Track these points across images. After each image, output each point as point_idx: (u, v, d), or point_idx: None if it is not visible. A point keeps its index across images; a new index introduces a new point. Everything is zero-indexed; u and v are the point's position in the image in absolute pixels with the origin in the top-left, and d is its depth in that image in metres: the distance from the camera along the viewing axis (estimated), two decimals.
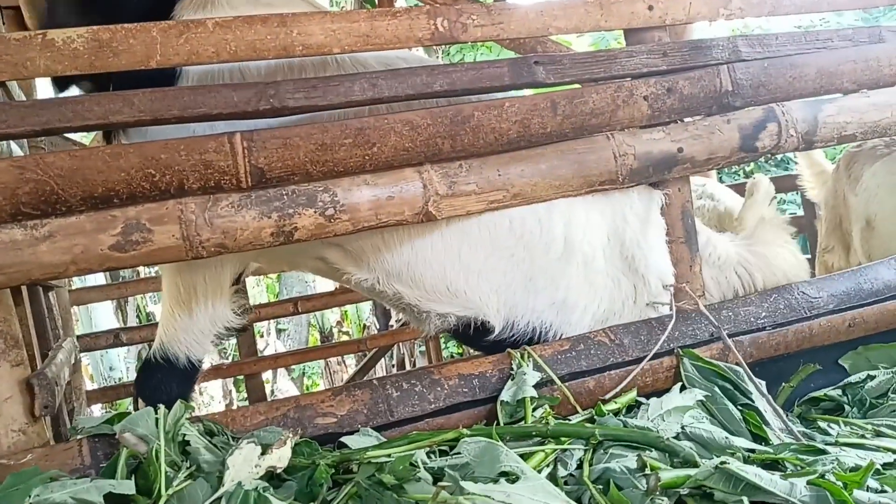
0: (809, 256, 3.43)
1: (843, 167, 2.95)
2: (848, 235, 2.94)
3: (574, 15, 1.63)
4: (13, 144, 1.84)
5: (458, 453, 1.21)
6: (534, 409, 1.44)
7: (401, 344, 5.67)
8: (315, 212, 1.43)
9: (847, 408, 1.66)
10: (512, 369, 1.54)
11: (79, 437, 1.36)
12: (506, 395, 1.47)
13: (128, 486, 1.20)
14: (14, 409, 1.38)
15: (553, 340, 1.65)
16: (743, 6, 1.76)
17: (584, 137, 1.63)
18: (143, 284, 4.10)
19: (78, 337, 3.30)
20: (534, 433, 1.31)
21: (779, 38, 1.80)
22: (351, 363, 7.25)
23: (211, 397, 8.02)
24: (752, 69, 1.74)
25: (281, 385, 7.20)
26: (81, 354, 3.52)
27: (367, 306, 6.59)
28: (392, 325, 5.83)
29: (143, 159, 1.35)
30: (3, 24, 2.52)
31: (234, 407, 7.65)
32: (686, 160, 1.67)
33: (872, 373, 1.72)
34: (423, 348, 6.06)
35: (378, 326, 5.39)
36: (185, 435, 1.30)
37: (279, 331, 7.82)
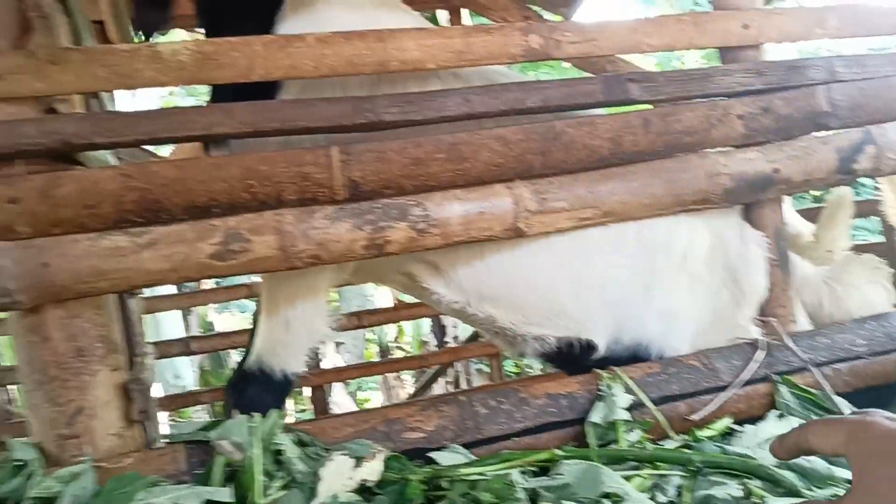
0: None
1: None
2: None
3: (667, 32, 1.61)
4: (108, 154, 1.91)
5: (558, 474, 1.18)
6: (626, 433, 1.40)
7: (456, 362, 5.65)
8: (407, 225, 1.44)
9: None
10: (600, 390, 1.51)
11: (172, 443, 1.38)
12: (595, 417, 1.44)
13: (225, 494, 1.22)
14: (112, 413, 1.41)
15: (642, 362, 1.61)
16: (839, 25, 1.72)
17: (676, 156, 1.60)
18: (210, 295, 4.19)
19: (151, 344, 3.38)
20: (631, 457, 1.28)
21: (876, 59, 1.74)
22: (407, 379, 7.27)
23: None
24: (850, 90, 1.68)
25: (337, 398, 7.26)
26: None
27: (426, 322, 6.60)
28: (447, 342, 5.82)
29: (244, 170, 1.37)
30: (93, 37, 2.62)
31: (291, 419, 7.73)
32: (782, 181, 1.63)
33: None
34: (479, 366, 6.03)
35: (436, 342, 5.40)
36: (279, 444, 1.31)
37: (337, 344, 7.90)
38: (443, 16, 4.83)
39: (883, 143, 1.69)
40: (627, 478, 1.24)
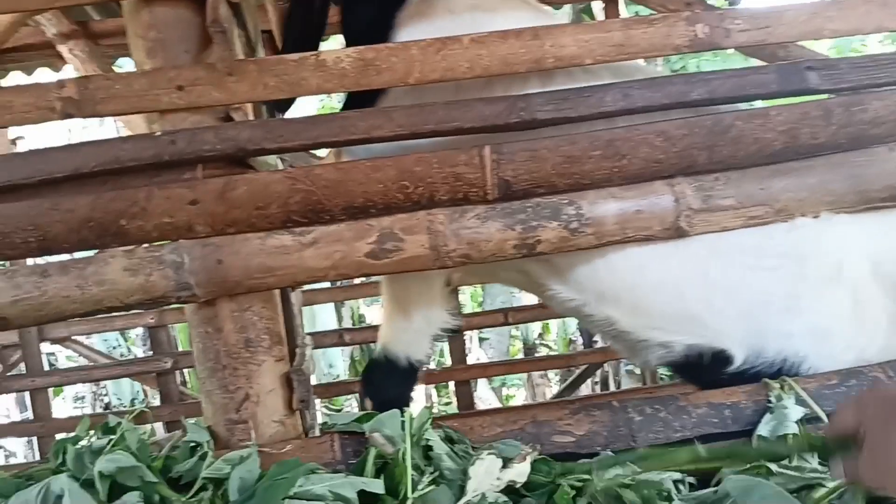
0: None
1: None
2: None
3: (852, 16, 1.46)
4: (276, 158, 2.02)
5: (720, 487, 1.11)
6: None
7: (605, 363, 5.51)
8: (559, 225, 1.41)
9: None
10: (769, 401, 1.40)
11: (328, 432, 1.44)
12: (763, 430, 1.34)
13: (378, 486, 1.25)
14: (275, 401, 1.49)
15: (816, 373, 1.47)
16: None
17: (861, 149, 1.45)
18: (363, 289, 4.36)
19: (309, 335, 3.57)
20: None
21: None
22: (552, 377, 7.19)
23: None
24: None
25: (481, 393, 7.33)
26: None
27: (573, 320, 6.50)
28: (597, 342, 5.68)
29: (400, 172, 1.40)
30: (264, 47, 2.79)
31: (435, 412, 7.90)
32: None
33: None
34: (630, 367, 5.84)
35: (583, 342, 5.29)
36: (428, 440, 1.33)
37: (481, 339, 7.97)
38: (597, 7, 4.71)
39: None
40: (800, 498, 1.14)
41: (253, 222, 1.41)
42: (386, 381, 1.87)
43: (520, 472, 1.26)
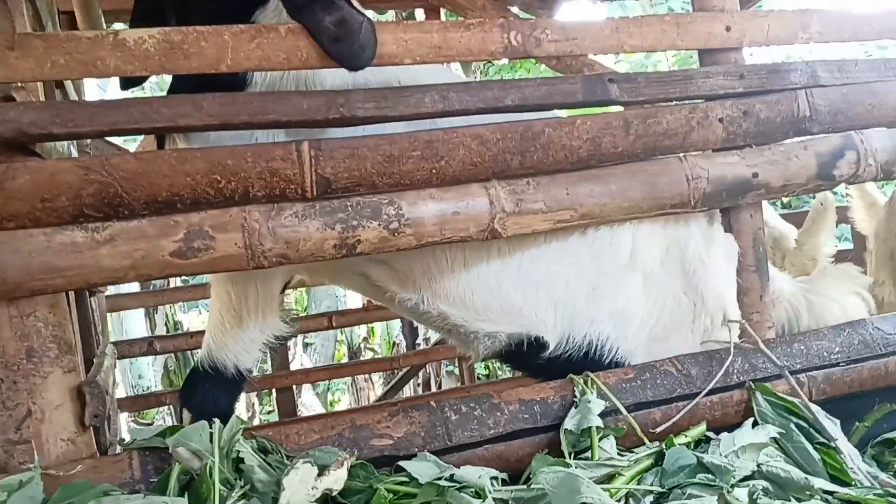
0: None
1: None
2: None
3: (649, 33, 1.58)
4: (72, 146, 1.83)
5: (532, 482, 1.14)
6: (600, 440, 1.37)
7: (427, 364, 5.60)
8: (379, 225, 1.39)
9: None
10: (574, 396, 1.48)
11: (127, 449, 1.32)
12: (570, 424, 1.41)
13: None
14: (64, 417, 1.33)
15: (616, 368, 1.58)
16: (822, 30, 1.70)
17: (656, 158, 1.57)
18: (177, 293, 4.09)
19: (113, 344, 3.28)
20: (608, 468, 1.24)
21: (858, 65, 1.73)
22: (377, 380, 7.19)
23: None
24: (831, 95, 1.67)
25: (305, 399, 7.16)
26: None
27: (397, 323, 6.54)
28: (419, 344, 5.76)
29: (210, 165, 1.31)
30: (57, 26, 2.53)
31: (256, 420, 7.61)
32: (761, 186, 1.61)
33: None
34: (450, 368, 5.99)
35: (406, 344, 5.33)
36: (239, 452, 1.25)
37: (306, 345, 7.79)
38: (420, 15, 4.79)
39: (864, 150, 1.68)
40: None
41: (37, 216, 1.26)
42: (211, 392, 1.74)
43: (336, 478, 1.23)
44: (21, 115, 1.26)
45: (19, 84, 1.35)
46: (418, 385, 6.65)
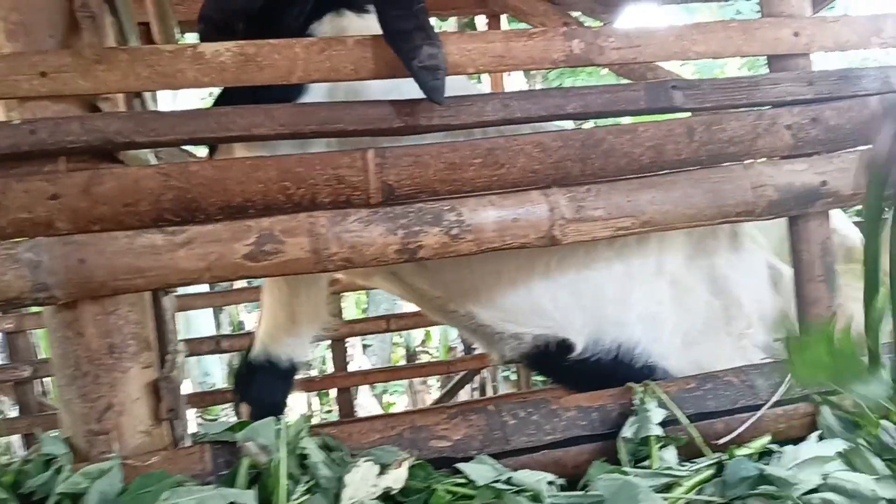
0: None
1: None
2: None
3: (714, 39, 1.57)
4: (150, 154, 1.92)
5: (592, 490, 1.15)
6: (659, 449, 1.37)
7: (483, 368, 5.60)
8: (440, 230, 1.42)
9: None
10: (633, 405, 1.48)
11: (199, 442, 1.38)
12: (628, 432, 1.41)
13: (249, 497, 1.21)
14: (141, 410, 1.41)
15: (677, 378, 1.57)
16: None
17: (720, 166, 1.56)
18: (242, 294, 4.21)
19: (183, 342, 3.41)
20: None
21: None
22: (432, 383, 7.24)
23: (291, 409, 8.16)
24: None
25: (362, 400, 7.27)
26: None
27: (453, 328, 6.57)
28: (475, 348, 5.77)
29: (281, 172, 1.37)
30: (139, 39, 2.66)
31: (316, 420, 7.76)
32: (830, 194, 1.57)
33: None
34: (506, 373, 5.98)
35: (463, 348, 5.36)
36: (304, 448, 1.30)
37: (364, 346, 7.91)
38: (481, 22, 4.82)
39: None
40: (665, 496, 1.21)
41: (121, 220, 1.34)
42: (267, 384, 1.83)
43: (396, 477, 1.26)
44: (107, 125, 1.34)
45: (105, 95, 1.43)
46: (475, 389, 6.66)
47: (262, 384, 1.82)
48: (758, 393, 1.52)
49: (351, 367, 6.65)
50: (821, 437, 1.45)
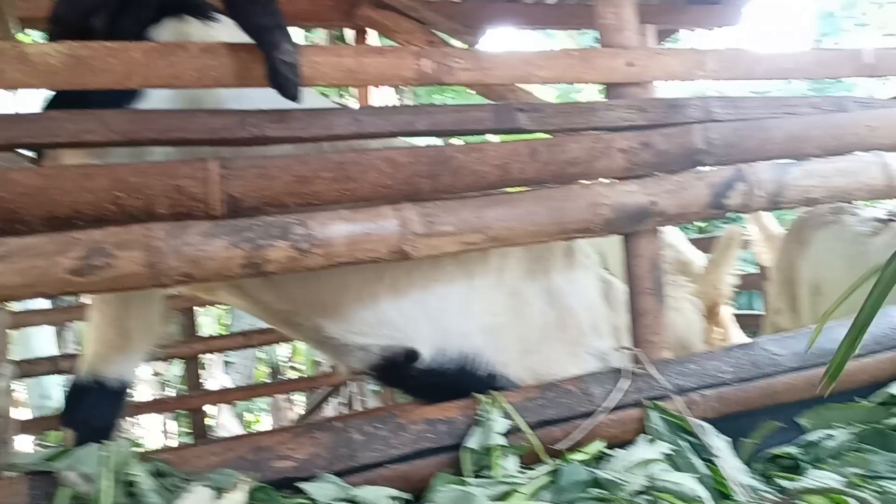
0: (763, 313, 3.51)
1: (793, 232, 3.05)
2: (796, 298, 3.02)
3: (557, 66, 1.65)
4: None
5: (429, 502, 1.17)
6: (502, 458, 1.41)
7: (350, 383, 5.54)
8: (288, 245, 1.39)
9: (803, 465, 1.67)
10: (478, 415, 1.51)
11: (15, 473, 1.27)
12: (472, 442, 1.44)
13: None
14: None
15: (521, 388, 1.63)
16: (717, 68, 1.82)
17: (561, 185, 1.64)
18: (86, 310, 3.93)
19: (16, 362, 3.14)
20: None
21: (751, 101, 1.85)
22: (300, 399, 7.07)
23: (146, 431, 7.71)
24: (725, 130, 1.78)
25: (224, 420, 6.97)
26: (17, 381, 3.31)
27: None
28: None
29: (114, 181, 1.30)
30: None
31: (172, 442, 7.36)
32: (659, 213, 1.69)
33: (831, 432, 1.74)
34: (376, 388, 5.95)
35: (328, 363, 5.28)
36: (132, 475, 1.23)
37: (226, 363, 7.60)
38: (350, 35, 4.80)
39: (753, 181, 1.78)
40: None
41: None
42: (93, 406, 1.69)
43: (233, 502, 1.22)
44: None
45: None
46: (343, 405, 6.57)
47: (89, 407, 1.69)
48: (594, 400, 1.61)
49: (212, 385, 6.37)
50: (650, 441, 1.55)
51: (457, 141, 3.61)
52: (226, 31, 1.59)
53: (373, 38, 3.89)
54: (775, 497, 1.47)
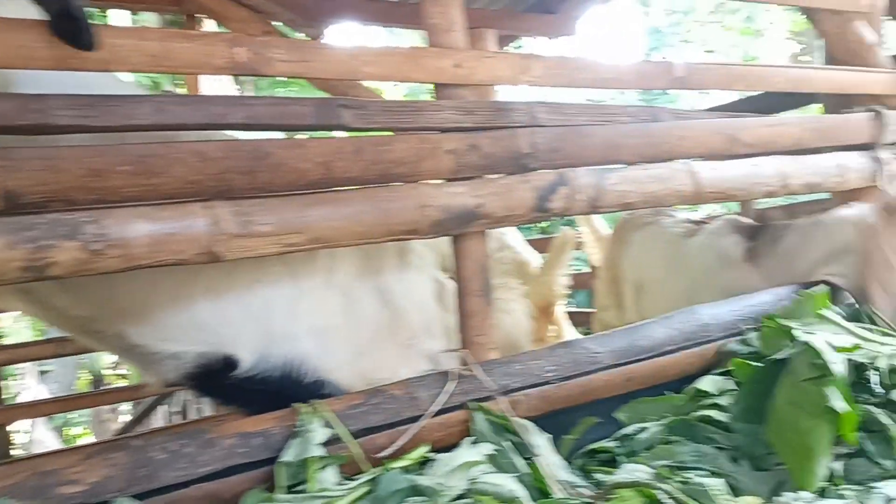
0: (594, 310, 3.69)
1: (616, 233, 3.22)
2: (622, 296, 3.19)
3: (385, 63, 1.61)
4: None
5: None
6: (319, 469, 1.34)
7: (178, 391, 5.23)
8: (78, 245, 1.25)
9: (619, 458, 1.75)
10: (297, 426, 1.44)
11: None
12: (288, 455, 1.36)
13: None
14: None
15: (344, 394, 1.58)
16: (542, 74, 1.85)
17: (389, 185, 1.60)
18: None
19: None
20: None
21: (573, 108, 1.91)
22: (127, 409, 6.57)
23: None
24: (549, 134, 1.82)
25: (39, 435, 6.35)
26: None
27: None
28: None
29: None
30: None
31: None
32: (485, 216, 1.70)
33: (645, 424, 1.83)
34: None
35: None
36: None
37: (41, 373, 6.91)
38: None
39: (575, 185, 1.84)
40: None
41: None
42: None
43: None
44: None
45: None
46: (176, 414, 6.19)
47: None
48: (420, 404, 1.58)
49: (27, 398, 5.77)
50: (474, 442, 1.55)
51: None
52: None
53: (212, 27, 3.68)
54: (591, 491, 1.52)
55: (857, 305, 2.11)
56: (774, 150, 2.21)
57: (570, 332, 3.33)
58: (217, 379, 1.65)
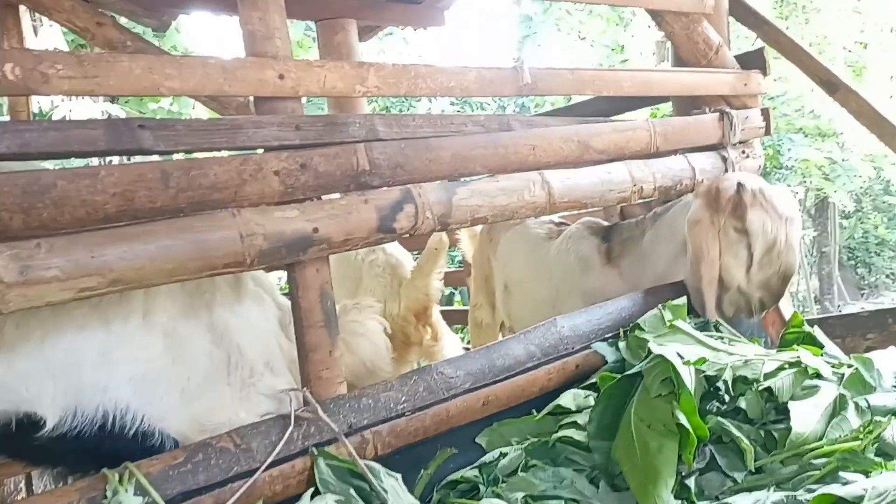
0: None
1: (486, 232, 3.16)
2: (493, 294, 3.14)
3: (191, 76, 1.43)
4: None
5: None
6: None
7: None
8: None
9: (482, 488, 1.66)
10: (105, 496, 1.25)
11: None
12: None
13: None
14: None
15: (163, 454, 1.40)
16: (379, 84, 1.72)
17: (204, 214, 1.42)
18: None
19: None
20: None
21: (416, 120, 1.80)
22: None
23: None
24: (390, 149, 1.70)
25: None
26: None
27: None
28: None
29: None
30: None
31: None
32: (323, 241, 1.56)
33: (504, 450, 1.75)
34: None
35: None
36: None
37: None
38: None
39: (421, 203, 1.73)
40: None
41: None
42: None
43: None
44: None
45: None
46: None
47: None
48: (254, 455, 1.43)
49: None
50: (315, 494, 1.41)
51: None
52: None
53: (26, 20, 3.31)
54: None
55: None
56: (626, 155, 2.19)
57: (448, 334, 3.25)
58: (20, 440, 1.46)
